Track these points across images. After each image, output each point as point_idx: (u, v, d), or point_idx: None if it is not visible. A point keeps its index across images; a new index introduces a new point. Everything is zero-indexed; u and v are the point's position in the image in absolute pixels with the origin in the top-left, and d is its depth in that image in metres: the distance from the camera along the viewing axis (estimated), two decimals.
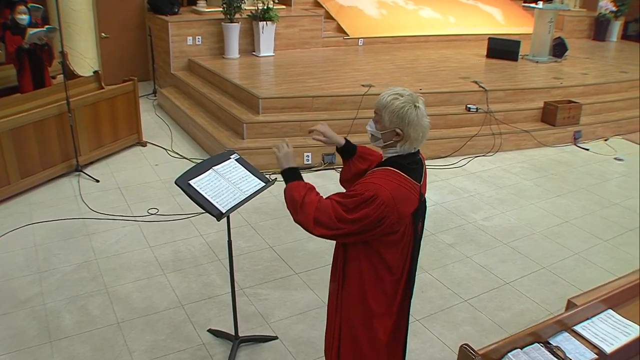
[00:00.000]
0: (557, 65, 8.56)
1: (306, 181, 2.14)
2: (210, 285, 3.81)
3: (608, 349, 2.08)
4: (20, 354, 3.10)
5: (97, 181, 5.34)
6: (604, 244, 4.53)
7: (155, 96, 8.21)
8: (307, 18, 8.84)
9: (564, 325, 2.17)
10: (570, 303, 2.57)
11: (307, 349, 3.24)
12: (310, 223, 2.00)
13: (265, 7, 7.92)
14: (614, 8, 11.09)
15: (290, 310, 3.58)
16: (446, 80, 7.15)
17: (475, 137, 6.37)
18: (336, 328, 2.28)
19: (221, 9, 7.85)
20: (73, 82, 5.66)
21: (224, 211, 2.53)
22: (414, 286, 2.28)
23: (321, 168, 5.78)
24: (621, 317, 2.25)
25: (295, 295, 3.74)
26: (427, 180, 2.28)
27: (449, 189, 5.48)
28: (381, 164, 2.13)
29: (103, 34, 8.23)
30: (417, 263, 2.26)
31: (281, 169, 2.22)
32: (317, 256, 4.19)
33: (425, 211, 2.22)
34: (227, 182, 2.67)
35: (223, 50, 8.08)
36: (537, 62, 8.62)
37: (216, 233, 4.45)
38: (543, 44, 8.77)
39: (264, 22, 7.97)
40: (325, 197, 2.06)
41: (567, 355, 2.03)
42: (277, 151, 2.24)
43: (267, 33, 8.11)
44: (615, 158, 6.51)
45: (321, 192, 2.11)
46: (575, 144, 6.88)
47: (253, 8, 7.99)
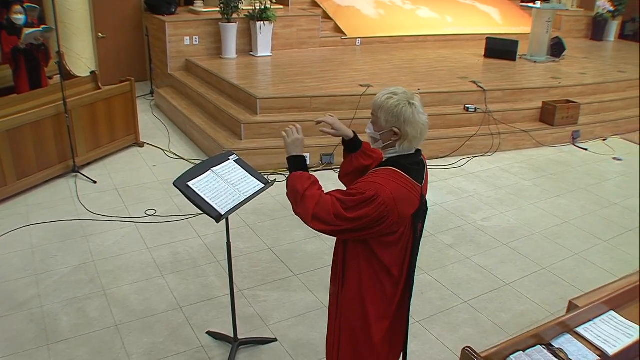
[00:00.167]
0: (555, 65, 8.56)
1: (310, 173, 2.11)
2: (208, 287, 3.79)
3: (610, 351, 2.08)
4: (17, 358, 3.07)
5: (95, 182, 5.32)
6: (604, 244, 4.53)
7: (152, 96, 8.18)
8: (305, 18, 8.82)
9: (566, 327, 2.16)
10: (571, 304, 2.56)
11: (307, 351, 3.22)
12: (308, 217, 1.99)
13: (262, 7, 7.90)
14: (612, 8, 11.10)
15: (289, 312, 3.56)
16: (444, 80, 7.14)
17: (473, 137, 6.36)
18: (336, 330, 2.26)
19: (218, 9, 7.83)
20: (70, 83, 5.63)
21: (223, 213, 2.51)
22: (413, 287, 2.26)
23: (319, 168, 5.76)
24: (623, 319, 2.25)
25: (294, 296, 3.72)
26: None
27: (448, 189, 5.47)
28: (382, 164, 2.11)
29: (100, 34, 8.22)
30: (416, 264, 2.24)
31: (288, 155, 2.15)
32: (316, 257, 4.17)
33: (425, 213, 2.20)
34: (226, 184, 2.65)
35: (220, 50, 8.06)
36: (535, 62, 8.62)
37: (214, 234, 4.43)
38: (541, 44, 8.76)
39: (262, 22, 7.96)
40: (326, 193, 2.04)
41: (570, 357, 2.02)
42: (286, 136, 2.16)
43: (265, 33, 8.10)
44: (614, 158, 6.51)
45: None
46: (573, 144, 6.88)
47: (250, 8, 7.97)
